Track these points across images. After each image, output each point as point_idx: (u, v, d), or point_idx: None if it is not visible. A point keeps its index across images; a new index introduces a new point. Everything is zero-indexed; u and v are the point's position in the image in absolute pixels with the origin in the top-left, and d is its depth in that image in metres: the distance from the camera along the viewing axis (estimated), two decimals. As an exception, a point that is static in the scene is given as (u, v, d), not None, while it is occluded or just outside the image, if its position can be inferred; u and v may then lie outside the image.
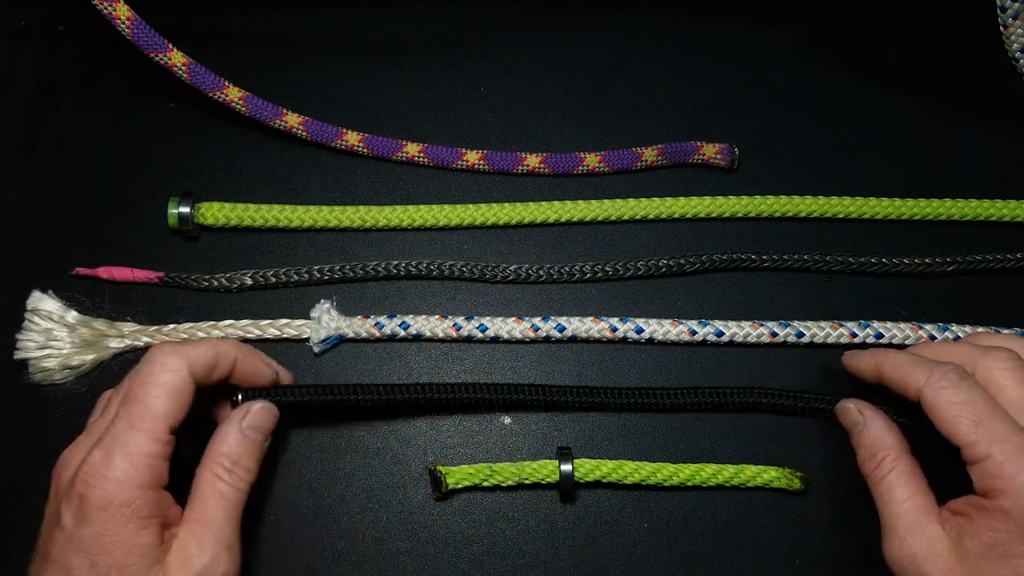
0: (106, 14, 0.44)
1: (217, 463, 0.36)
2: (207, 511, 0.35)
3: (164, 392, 0.35)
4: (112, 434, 0.34)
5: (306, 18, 0.53)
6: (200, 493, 0.36)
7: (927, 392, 0.36)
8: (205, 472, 0.36)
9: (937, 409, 0.36)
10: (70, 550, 0.33)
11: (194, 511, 0.35)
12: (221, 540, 0.35)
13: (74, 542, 0.33)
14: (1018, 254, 0.47)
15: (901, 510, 0.37)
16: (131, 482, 0.33)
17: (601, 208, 0.48)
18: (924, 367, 0.37)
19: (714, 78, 0.53)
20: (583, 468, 0.42)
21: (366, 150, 0.49)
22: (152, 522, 0.34)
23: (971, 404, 0.35)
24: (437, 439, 0.44)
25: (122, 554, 0.33)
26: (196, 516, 0.35)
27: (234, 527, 0.36)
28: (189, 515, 0.35)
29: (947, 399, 0.36)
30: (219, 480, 0.36)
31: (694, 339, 0.45)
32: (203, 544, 0.35)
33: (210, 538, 0.35)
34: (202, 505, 0.35)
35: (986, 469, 0.34)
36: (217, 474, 0.36)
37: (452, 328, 0.45)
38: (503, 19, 0.54)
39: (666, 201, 0.48)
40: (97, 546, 0.33)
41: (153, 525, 0.34)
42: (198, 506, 0.35)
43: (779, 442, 0.44)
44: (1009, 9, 0.44)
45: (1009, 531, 0.33)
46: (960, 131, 0.52)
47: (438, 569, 0.42)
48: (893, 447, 0.39)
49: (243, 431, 0.38)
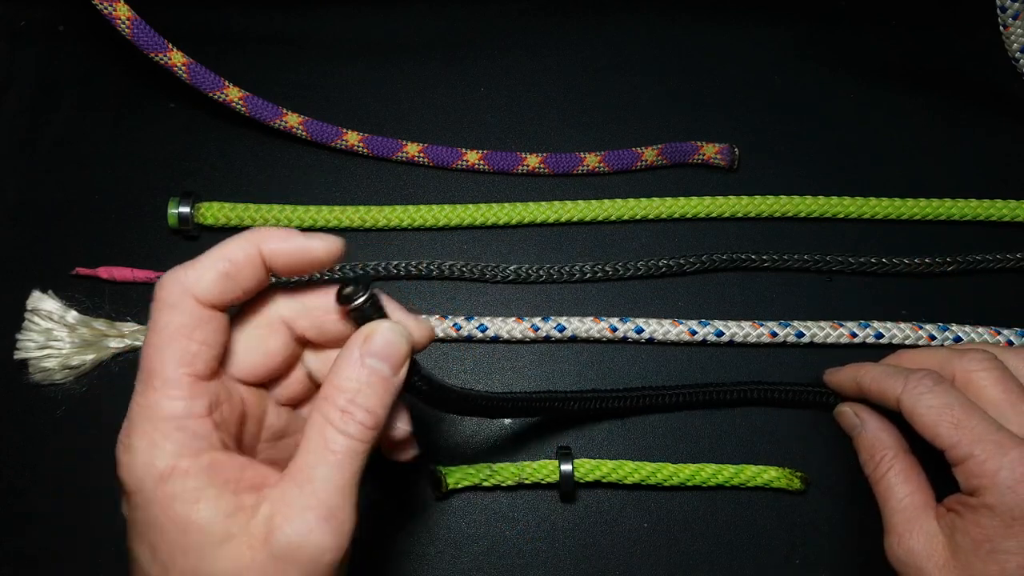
0: (106, 14, 0.44)
1: (327, 402, 0.29)
2: (306, 465, 0.28)
3: (166, 340, 0.28)
4: (130, 406, 0.29)
5: (306, 18, 0.53)
6: (303, 443, 0.29)
7: (905, 400, 0.37)
8: (313, 414, 0.29)
9: (917, 415, 0.36)
10: (133, 538, 0.28)
11: (292, 466, 0.28)
12: (318, 505, 0.27)
13: (134, 529, 0.28)
14: (1018, 254, 0.47)
15: (900, 507, 0.37)
16: (158, 458, 0.27)
17: (601, 208, 0.48)
18: (900, 376, 0.38)
19: (714, 78, 0.53)
20: (583, 468, 0.42)
21: (366, 150, 0.49)
22: (208, 493, 0.27)
23: (949, 407, 0.35)
24: (437, 439, 0.44)
25: (178, 535, 0.27)
26: (291, 472, 0.28)
27: (341, 489, 0.28)
28: (287, 472, 0.28)
29: (925, 404, 0.36)
30: (328, 426, 0.28)
31: (694, 339, 0.46)
32: (291, 510, 0.27)
33: (303, 503, 0.27)
34: (302, 458, 0.28)
35: (969, 468, 0.34)
36: (327, 416, 0.28)
37: (452, 328, 0.45)
38: (503, 19, 0.54)
39: (666, 201, 0.48)
40: (152, 531, 0.27)
41: (211, 497, 0.27)
42: (297, 459, 0.28)
43: (779, 441, 0.44)
44: (1009, 9, 0.44)
45: (995, 527, 0.33)
46: (960, 131, 0.52)
47: (438, 569, 0.42)
48: (891, 446, 0.39)
49: (363, 360, 0.29)
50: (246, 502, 0.28)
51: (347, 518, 0.28)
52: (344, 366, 0.29)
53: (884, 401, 0.39)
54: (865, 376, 0.40)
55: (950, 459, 0.35)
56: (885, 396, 0.38)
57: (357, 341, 0.30)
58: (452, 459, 0.44)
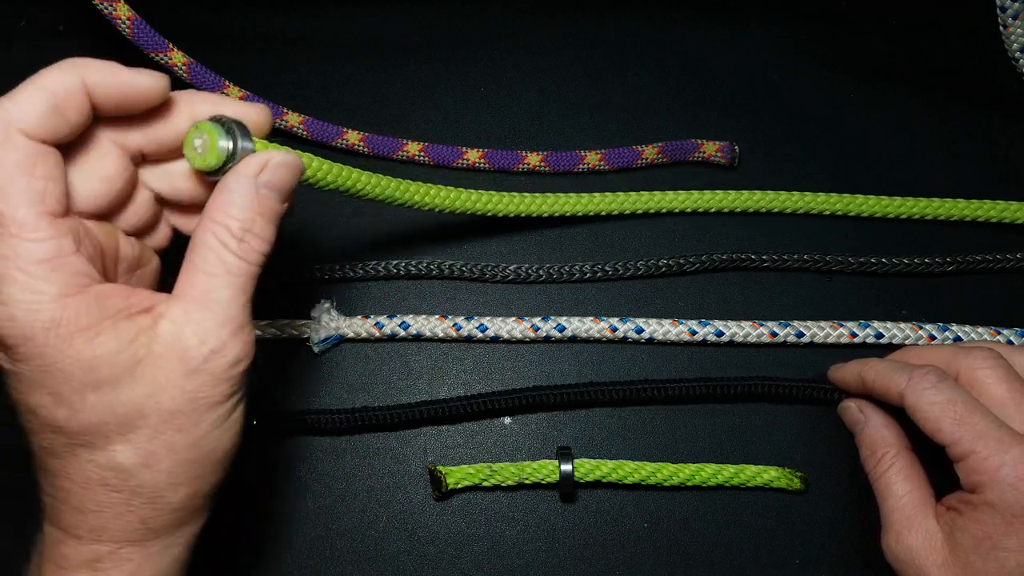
0: (106, 14, 0.44)
1: (222, 227, 0.29)
2: (210, 288, 0.29)
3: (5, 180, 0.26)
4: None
5: (306, 18, 0.53)
6: (198, 265, 0.29)
7: (908, 395, 0.37)
8: (206, 238, 0.29)
9: (919, 411, 0.36)
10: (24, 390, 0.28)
11: (188, 287, 0.29)
12: (229, 322, 0.29)
13: (23, 381, 0.27)
14: (1018, 254, 0.47)
15: (899, 505, 0.37)
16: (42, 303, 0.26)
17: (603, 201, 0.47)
18: (904, 372, 0.38)
19: (714, 78, 0.53)
20: (583, 468, 0.42)
21: (366, 149, 0.49)
22: (104, 325, 0.27)
23: (952, 403, 0.36)
24: (437, 439, 0.44)
25: (85, 373, 0.27)
26: (192, 294, 0.29)
27: (244, 307, 0.29)
28: (182, 292, 0.29)
29: (928, 400, 0.36)
30: (226, 250, 0.29)
31: (694, 339, 0.46)
32: (204, 328, 0.28)
33: (213, 321, 0.28)
34: (202, 280, 0.29)
35: (970, 465, 0.35)
36: (224, 241, 0.29)
37: (452, 328, 0.45)
38: (503, 19, 0.54)
39: (667, 195, 0.48)
40: (51, 377, 0.27)
41: (108, 329, 0.27)
42: (196, 281, 0.29)
43: (779, 441, 0.44)
44: (1009, 9, 0.44)
45: (996, 524, 0.34)
46: (960, 131, 0.52)
47: (438, 569, 0.42)
48: (893, 444, 0.39)
49: (259, 189, 0.30)
50: (142, 325, 0.28)
51: (251, 330, 0.30)
52: (239, 193, 0.29)
53: (887, 397, 0.39)
54: (870, 372, 0.40)
55: (952, 455, 0.35)
56: (889, 392, 0.38)
57: (252, 170, 0.30)
58: (452, 459, 0.44)
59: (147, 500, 0.29)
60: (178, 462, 0.29)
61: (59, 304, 0.26)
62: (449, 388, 0.45)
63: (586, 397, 0.43)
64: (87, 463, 0.29)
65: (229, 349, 0.29)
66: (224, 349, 0.28)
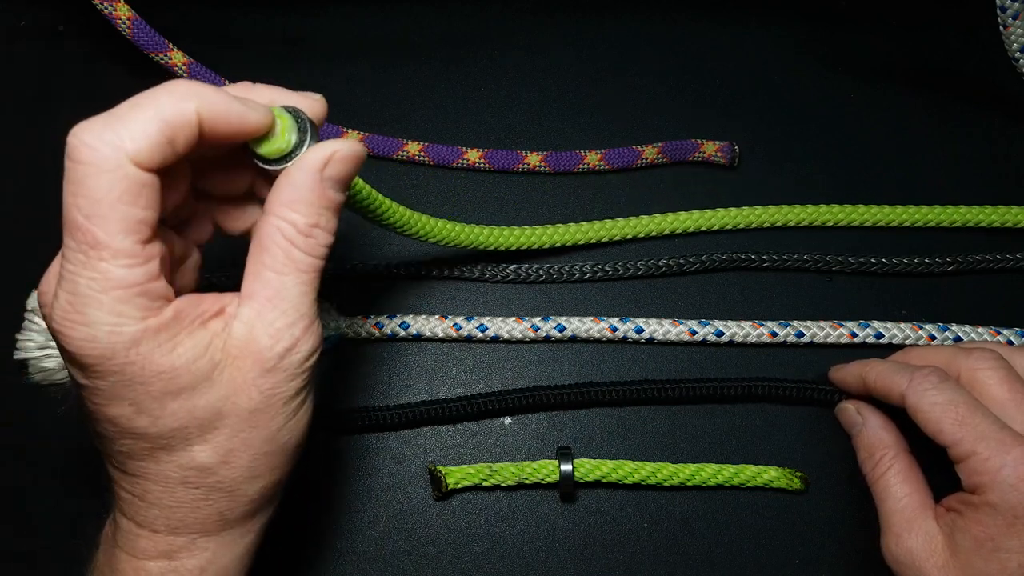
0: (106, 14, 0.44)
1: (288, 224, 0.29)
2: (280, 287, 0.29)
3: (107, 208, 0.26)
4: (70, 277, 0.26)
5: (306, 18, 0.53)
6: (266, 263, 0.29)
7: (910, 396, 0.37)
8: (272, 234, 0.29)
9: (921, 411, 0.36)
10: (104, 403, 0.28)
11: (258, 286, 0.29)
12: (300, 319, 0.29)
13: (102, 395, 0.27)
14: (1018, 254, 0.47)
15: (898, 507, 0.37)
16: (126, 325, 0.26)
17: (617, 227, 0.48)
18: (905, 372, 0.38)
19: (714, 78, 0.53)
20: (583, 468, 0.42)
21: (367, 149, 0.49)
22: (181, 337, 0.27)
23: (953, 404, 0.36)
24: (437, 439, 0.44)
25: (166, 383, 0.27)
26: (263, 293, 0.29)
27: (313, 302, 0.29)
28: (251, 292, 0.29)
29: (929, 400, 0.36)
30: (293, 247, 0.29)
31: (694, 339, 0.46)
32: (277, 328, 0.28)
33: (285, 320, 0.28)
34: (271, 279, 0.29)
35: (972, 466, 0.34)
36: (290, 238, 0.29)
37: (452, 328, 0.45)
38: (503, 19, 0.54)
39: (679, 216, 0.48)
40: (132, 389, 0.27)
41: (185, 339, 0.28)
42: (265, 279, 0.29)
43: (779, 441, 0.44)
44: (1009, 9, 0.44)
45: (997, 525, 0.34)
46: (960, 131, 0.52)
47: (438, 569, 0.42)
48: (891, 446, 0.39)
49: (324, 183, 0.29)
50: (216, 329, 0.28)
51: (319, 323, 0.30)
52: (306, 188, 0.29)
53: (888, 397, 0.38)
54: (871, 372, 0.40)
55: (953, 456, 0.35)
56: (890, 392, 0.38)
57: (317, 163, 0.29)
58: (452, 459, 0.44)
59: (225, 494, 0.30)
60: (255, 456, 0.30)
61: (142, 325, 0.27)
62: (449, 388, 0.45)
63: (586, 397, 0.43)
64: (167, 464, 0.29)
65: (302, 345, 0.29)
66: (297, 346, 0.29)
